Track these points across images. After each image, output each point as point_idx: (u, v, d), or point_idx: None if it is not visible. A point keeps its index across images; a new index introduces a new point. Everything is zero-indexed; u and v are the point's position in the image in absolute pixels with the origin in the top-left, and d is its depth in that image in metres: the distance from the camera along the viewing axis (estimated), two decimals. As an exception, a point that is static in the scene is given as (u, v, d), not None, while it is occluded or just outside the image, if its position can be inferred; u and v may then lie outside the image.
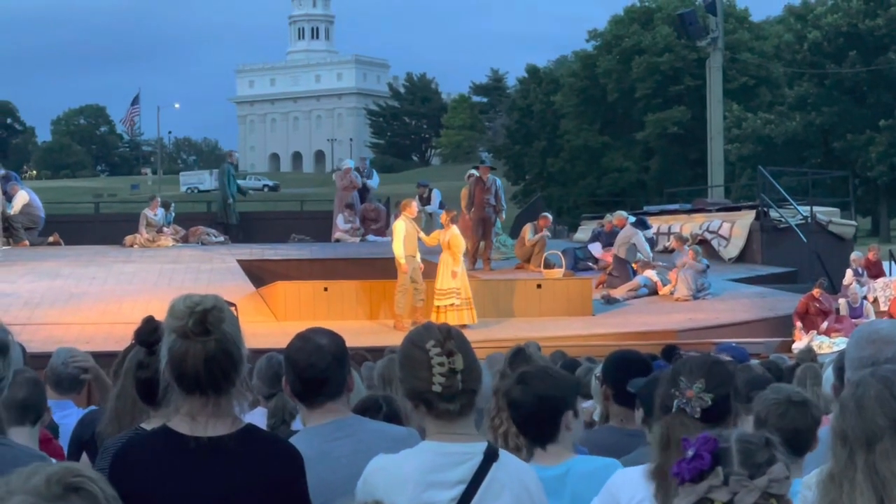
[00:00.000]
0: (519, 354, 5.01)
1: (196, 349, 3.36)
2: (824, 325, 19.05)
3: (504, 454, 3.64)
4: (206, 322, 3.36)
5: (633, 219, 23.50)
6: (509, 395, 4.52)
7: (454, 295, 18.25)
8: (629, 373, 5.38)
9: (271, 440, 3.60)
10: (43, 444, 5.31)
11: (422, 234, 18.86)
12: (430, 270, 19.77)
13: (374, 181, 29.08)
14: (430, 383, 3.52)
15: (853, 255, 22.44)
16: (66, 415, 6.36)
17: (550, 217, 25.28)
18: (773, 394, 4.61)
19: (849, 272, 21.61)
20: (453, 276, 18.23)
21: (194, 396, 3.40)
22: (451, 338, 3.57)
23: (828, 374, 5.17)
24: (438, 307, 18.19)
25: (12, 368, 3.67)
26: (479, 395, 3.67)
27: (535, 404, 4.40)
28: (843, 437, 2.97)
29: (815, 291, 19.39)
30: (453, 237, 18.45)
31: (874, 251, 23.66)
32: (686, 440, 2.84)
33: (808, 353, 11.71)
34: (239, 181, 30.96)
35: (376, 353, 10.85)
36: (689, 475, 2.77)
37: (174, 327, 3.39)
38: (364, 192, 28.35)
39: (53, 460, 3.95)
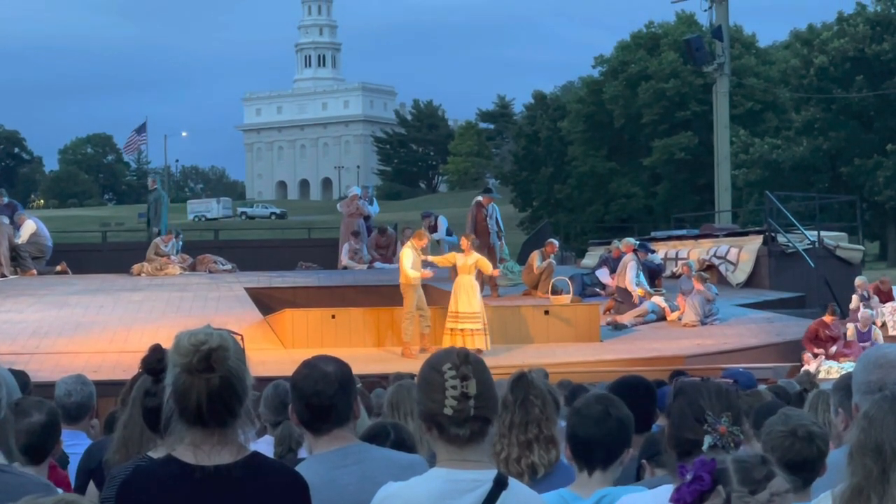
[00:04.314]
0: (521, 380, 4.98)
1: (199, 385, 3.35)
2: (833, 349, 19.03)
3: (513, 482, 3.60)
4: (210, 360, 3.35)
5: (637, 244, 23.48)
6: (583, 412, 4.51)
7: (477, 319, 18.24)
8: (635, 398, 5.37)
9: (277, 468, 3.57)
10: (49, 472, 5.30)
11: (430, 256, 18.97)
12: (438, 296, 19.77)
13: (373, 208, 29.16)
14: (442, 406, 3.50)
15: (858, 280, 22.30)
16: (77, 444, 6.33)
17: (557, 243, 25.25)
18: (780, 425, 4.60)
19: (855, 297, 21.55)
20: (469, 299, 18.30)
21: (197, 428, 3.40)
22: (468, 363, 3.54)
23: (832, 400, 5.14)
24: (456, 330, 18.16)
25: (4, 389, 3.66)
26: (494, 425, 3.64)
27: (615, 428, 4.43)
28: (877, 451, 2.94)
29: (827, 317, 19.35)
30: (481, 260, 18.74)
31: (886, 283, 23.38)
32: (683, 465, 2.85)
33: (807, 379, 11.70)
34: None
35: (386, 380, 10.83)
36: (691, 498, 2.77)
37: (178, 363, 3.38)
38: (365, 219, 28.43)
39: (60, 490, 3.94)
